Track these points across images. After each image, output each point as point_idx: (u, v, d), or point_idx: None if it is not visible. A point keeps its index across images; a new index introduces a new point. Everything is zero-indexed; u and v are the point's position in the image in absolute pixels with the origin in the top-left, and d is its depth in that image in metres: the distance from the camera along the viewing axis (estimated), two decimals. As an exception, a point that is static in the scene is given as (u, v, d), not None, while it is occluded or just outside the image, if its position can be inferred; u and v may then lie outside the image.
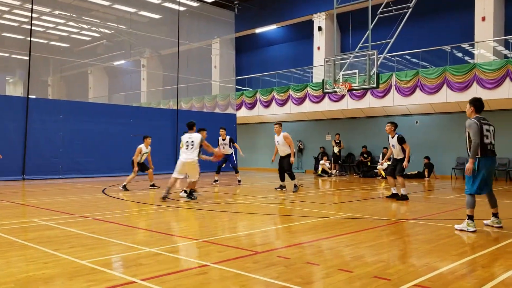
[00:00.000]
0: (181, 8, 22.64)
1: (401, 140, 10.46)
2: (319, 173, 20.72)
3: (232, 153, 14.76)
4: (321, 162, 20.97)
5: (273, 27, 26.56)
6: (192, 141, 10.20)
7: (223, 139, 14.72)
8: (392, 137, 10.61)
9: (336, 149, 21.04)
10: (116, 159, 18.53)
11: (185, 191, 10.52)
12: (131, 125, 19.41)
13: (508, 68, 15.86)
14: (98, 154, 18.13)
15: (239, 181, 15.11)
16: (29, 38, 17.48)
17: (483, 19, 18.01)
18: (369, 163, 20.42)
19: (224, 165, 15.05)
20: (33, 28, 18.02)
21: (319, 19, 23.64)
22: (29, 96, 16.91)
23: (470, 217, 6.56)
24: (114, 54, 26.57)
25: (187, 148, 10.22)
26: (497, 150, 6.91)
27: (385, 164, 19.04)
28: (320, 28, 23.51)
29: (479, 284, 3.99)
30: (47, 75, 27.35)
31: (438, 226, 7.11)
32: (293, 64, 25.27)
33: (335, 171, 20.93)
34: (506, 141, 16.92)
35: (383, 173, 18.97)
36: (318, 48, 23.63)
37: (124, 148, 18.85)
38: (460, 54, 19.15)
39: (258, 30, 27.13)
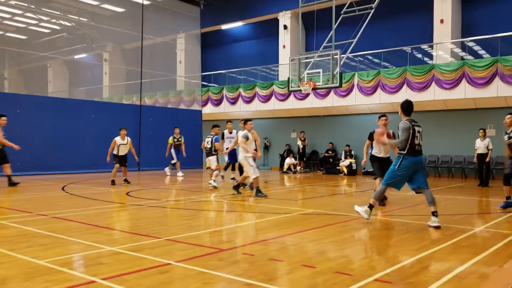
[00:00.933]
0: (145, 2, 22.27)
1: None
2: (285, 170, 20.91)
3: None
4: (287, 160, 21.16)
5: (239, 24, 26.52)
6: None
7: (230, 133, 13.98)
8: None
9: (299, 143, 21.24)
10: (77, 156, 18.08)
11: (255, 188, 10.58)
12: (93, 120, 18.96)
13: (464, 69, 16.44)
14: (58, 150, 17.60)
15: (222, 176, 14.86)
16: (-16, 29, 16.76)
17: (442, 21, 18.60)
18: (331, 159, 20.75)
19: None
20: (-12, 18, 17.30)
21: (284, 18, 23.78)
22: (-16, 90, 16.24)
23: (371, 207, 6.90)
24: (75, 48, 25.85)
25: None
26: (453, 149, 7.23)
27: (347, 161, 19.49)
28: (285, 27, 23.65)
29: (436, 277, 4.13)
30: (3, 68, 26.30)
31: (398, 222, 7.30)
32: (260, 62, 25.31)
33: (299, 168, 21.16)
34: (462, 140, 17.57)
35: (345, 170, 19.34)
36: (284, 46, 23.77)
37: (85, 144, 18.43)
38: (420, 55, 19.70)
39: (224, 27, 27.03)
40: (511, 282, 3.70)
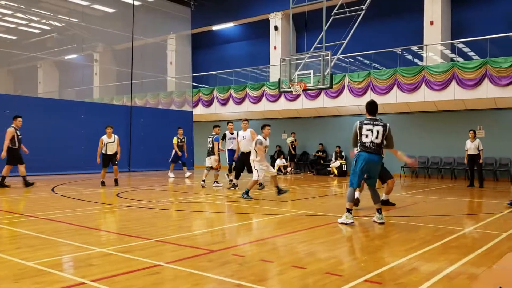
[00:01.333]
0: (136, 3, 22.18)
1: None
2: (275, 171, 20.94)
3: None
4: (277, 161, 21.18)
5: (230, 25, 26.51)
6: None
7: (231, 133, 13.72)
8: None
9: (289, 140, 21.28)
10: (67, 157, 17.94)
11: (246, 189, 10.51)
12: (83, 121, 18.84)
13: (454, 71, 16.58)
14: (48, 151, 17.44)
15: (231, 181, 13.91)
16: (-28, 29, 16.59)
17: (432, 23, 18.74)
18: (321, 161, 20.81)
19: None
20: (-23, 18, 17.12)
21: (275, 19, 23.81)
22: (-27, 90, 16.07)
23: (348, 210, 6.97)
24: (65, 48, 25.69)
25: None
26: (443, 150, 7.32)
27: (337, 162, 19.54)
28: (276, 28, 23.68)
29: (426, 278, 4.15)
30: (-7, 68, 26.09)
31: (388, 223, 7.33)
32: (250, 63, 25.32)
33: (290, 169, 21.19)
34: (451, 141, 17.69)
35: (335, 171, 19.40)
36: (275, 47, 23.80)
37: (76, 145, 18.29)
38: (410, 57, 19.83)
39: (215, 28, 27.00)
40: (500, 282, 3.73)
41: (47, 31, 24.55)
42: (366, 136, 6.96)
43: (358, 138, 7.02)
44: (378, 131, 6.95)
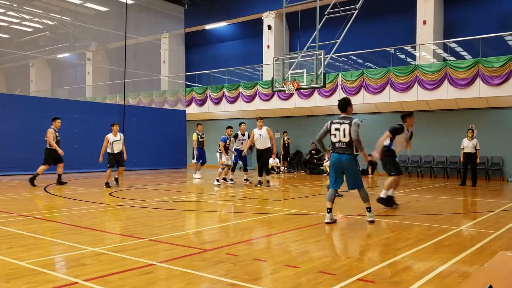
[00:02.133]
0: (129, 1, 22.10)
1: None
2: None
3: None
4: (270, 161, 21.15)
5: (223, 24, 26.48)
6: None
7: (243, 134, 13.77)
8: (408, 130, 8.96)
9: (287, 138, 21.36)
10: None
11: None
12: (75, 120, 18.74)
13: (446, 70, 16.67)
14: (40, 150, 17.29)
15: (247, 179, 14.26)
16: (-37, 27, 16.46)
17: (424, 22, 18.83)
18: (315, 161, 20.84)
19: (240, 162, 13.99)
20: (-32, 16, 16.99)
21: (268, 18, 23.81)
22: (-36, 89, 15.95)
23: (328, 210, 6.98)
24: (57, 47, 25.56)
25: None
26: (436, 149, 7.30)
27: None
28: (269, 27, 23.69)
29: (418, 276, 4.17)
30: (-15, 67, 25.91)
31: (381, 221, 7.36)
32: (244, 62, 25.30)
33: (283, 168, 21.20)
34: (444, 140, 17.80)
35: (328, 170, 19.43)
36: (268, 46, 23.81)
37: (68, 144, 18.16)
38: (403, 56, 19.91)
39: (208, 27, 26.96)
40: (491, 280, 3.76)
41: (39, 29, 24.41)
42: (335, 136, 6.98)
43: (330, 138, 7.05)
44: (344, 130, 6.93)
